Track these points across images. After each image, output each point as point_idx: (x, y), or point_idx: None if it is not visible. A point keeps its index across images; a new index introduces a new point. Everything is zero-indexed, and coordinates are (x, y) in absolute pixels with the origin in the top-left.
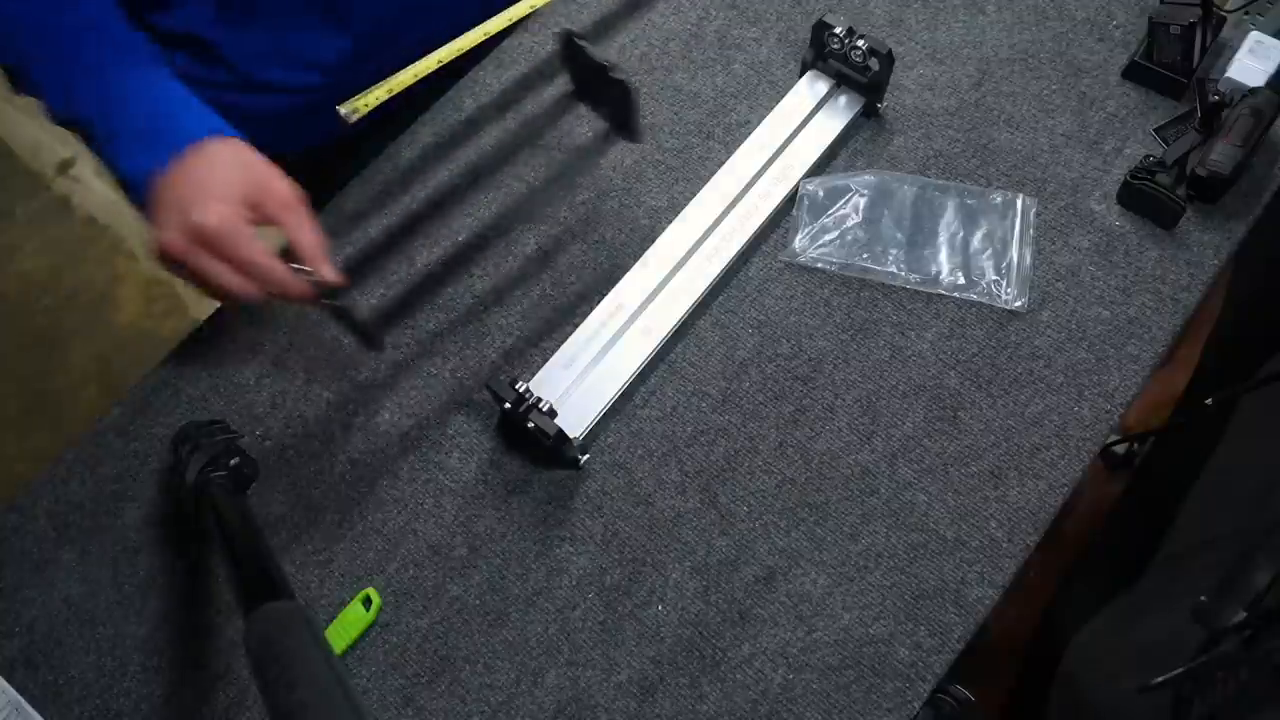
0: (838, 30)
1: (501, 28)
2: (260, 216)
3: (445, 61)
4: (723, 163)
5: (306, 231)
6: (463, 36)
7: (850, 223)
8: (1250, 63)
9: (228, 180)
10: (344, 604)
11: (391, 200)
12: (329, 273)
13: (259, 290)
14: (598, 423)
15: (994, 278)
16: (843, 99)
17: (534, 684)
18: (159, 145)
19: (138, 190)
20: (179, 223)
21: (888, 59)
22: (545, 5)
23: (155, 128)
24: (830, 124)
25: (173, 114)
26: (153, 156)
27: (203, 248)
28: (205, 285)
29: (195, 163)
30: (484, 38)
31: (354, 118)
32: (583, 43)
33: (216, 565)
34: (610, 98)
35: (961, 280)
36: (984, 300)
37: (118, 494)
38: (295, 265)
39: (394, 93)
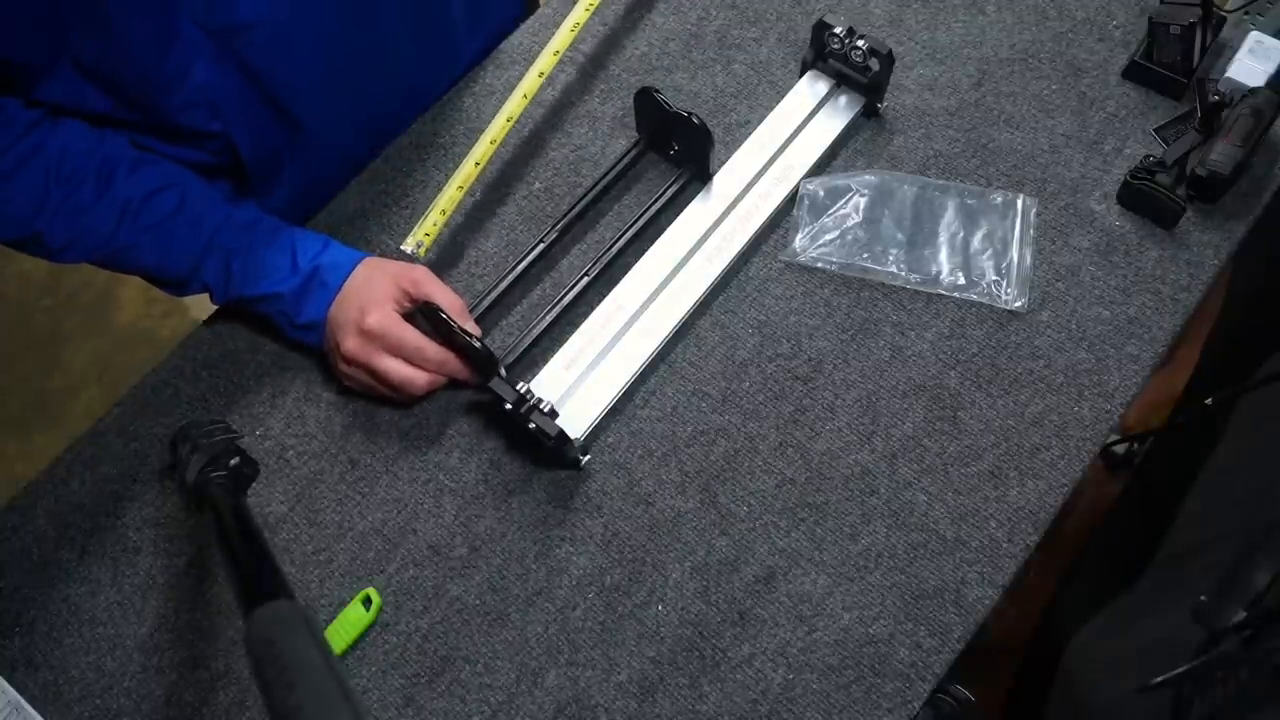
0: (838, 30)
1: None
2: (413, 298)
3: (483, 163)
4: (723, 163)
5: (447, 297)
6: (490, 128)
7: (850, 223)
8: (1250, 63)
9: (380, 287)
10: (344, 604)
11: (394, 201)
12: (471, 327)
13: (425, 378)
14: (598, 423)
15: (994, 278)
16: (843, 99)
17: (534, 684)
18: (322, 295)
19: (313, 332)
20: (354, 331)
21: (888, 59)
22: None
23: (310, 284)
24: (830, 124)
25: (317, 266)
26: (321, 304)
27: (374, 345)
28: (384, 382)
29: (350, 289)
30: (507, 124)
31: (421, 251)
32: (660, 96)
33: (216, 565)
34: (686, 144)
35: (961, 280)
36: (984, 300)
37: (118, 494)
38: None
39: (448, 213)
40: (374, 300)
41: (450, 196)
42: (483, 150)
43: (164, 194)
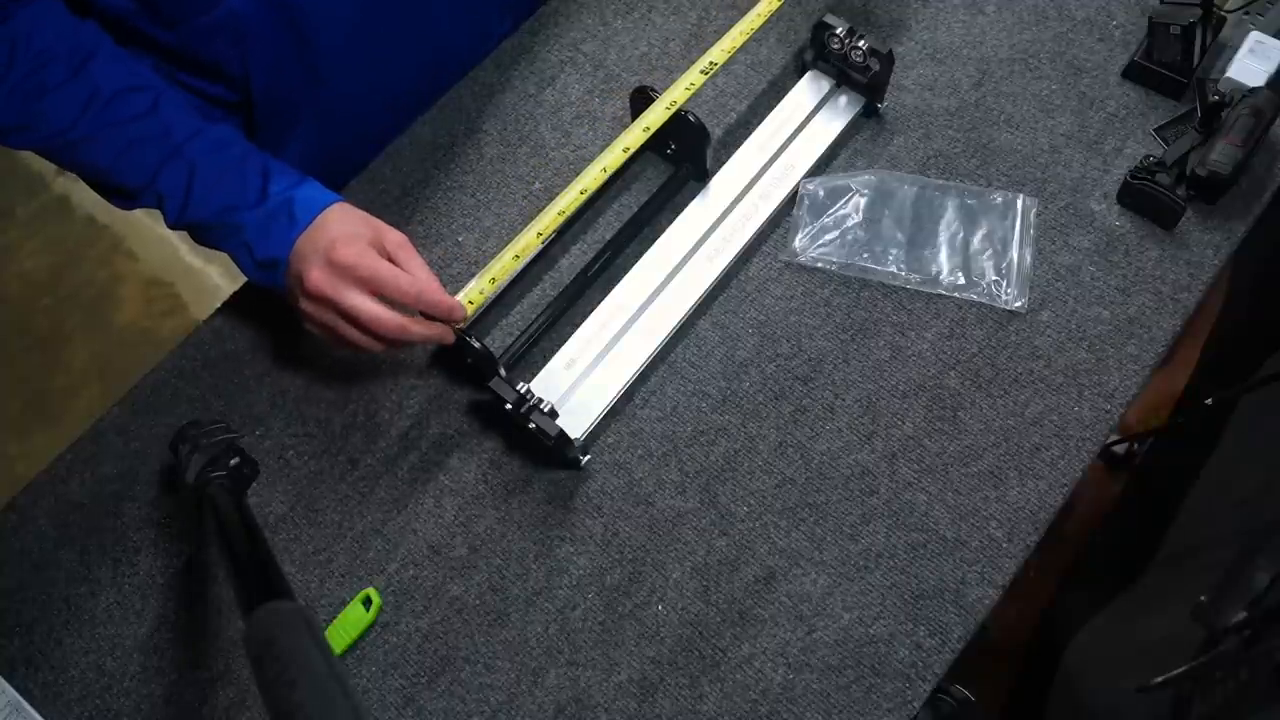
0: (838, 30)
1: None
2: (388, 258)
3: (546, 234)
4: (722, 163)
5: (420, 267)
6: (562, 197)
7: (850, 223)
8: (1250, 63)
9: (357, 227)
10: (344, 604)
11: (394, 201)
12: (451, 301)
13: (394, 319)
14: (598, 423)
15: (994, 278)
16: (843, 99)
17: (534, 684)
18: (287, 228)
19: (274, 271)
20: (322, 262)
21: (888, 59)
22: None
23: (277, 214)
24: (830, 124)
25: (290, 197)
26: (286, 239)
27: (344, 279)
28: (351, 321)
29: (321, 222)
30: (581, 196)
31: (464, 314)
32: (656, 95)
33: (216, 565)
34: (683, 142)
35: (961, 280)
36: (984, 300)
37: (118, 494)
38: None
39: (498, 282)
40: (348, 235)
41: (504, 265)
42: (548, 221)
43: (138, 94)
